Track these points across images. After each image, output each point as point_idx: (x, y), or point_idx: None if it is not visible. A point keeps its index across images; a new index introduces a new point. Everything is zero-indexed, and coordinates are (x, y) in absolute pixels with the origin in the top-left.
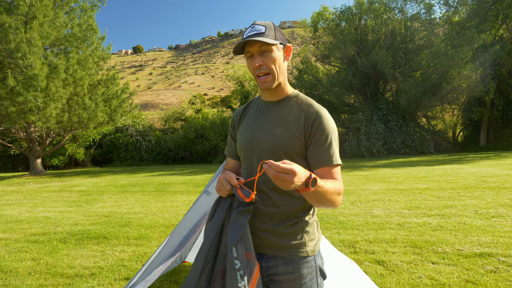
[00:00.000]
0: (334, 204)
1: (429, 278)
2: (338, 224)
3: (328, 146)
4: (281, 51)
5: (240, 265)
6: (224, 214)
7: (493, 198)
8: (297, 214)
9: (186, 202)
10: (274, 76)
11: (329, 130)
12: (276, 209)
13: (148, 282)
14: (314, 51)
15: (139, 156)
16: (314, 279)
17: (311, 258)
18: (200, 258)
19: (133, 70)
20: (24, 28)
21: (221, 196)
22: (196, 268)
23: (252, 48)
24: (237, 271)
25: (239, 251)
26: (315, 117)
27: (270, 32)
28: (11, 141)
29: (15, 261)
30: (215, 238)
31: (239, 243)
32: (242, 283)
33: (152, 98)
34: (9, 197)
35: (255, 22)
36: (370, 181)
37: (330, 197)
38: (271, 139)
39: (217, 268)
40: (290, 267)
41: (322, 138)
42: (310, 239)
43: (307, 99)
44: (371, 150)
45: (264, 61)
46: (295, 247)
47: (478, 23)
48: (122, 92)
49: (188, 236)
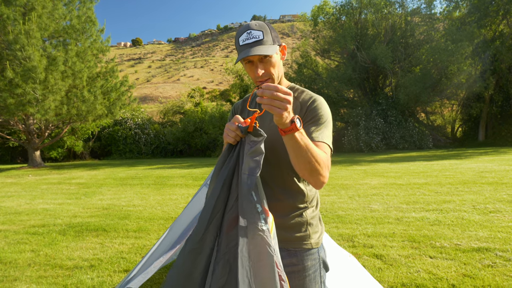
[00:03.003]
0: (318, 170)
1: (427, 272)
2: (337, 218)
3: (319, 125)
4: (279, 53)
5: (261, 209)
6: (234, 162)
7: (491, 193)
8: (300, 206)
9: (185, 195)
10: (273, 79)
11: (323, 113)
12: (279, 202)
13: (148, 274)
14: (314, 45)
15: (138, 149)
16: (317, 271)
17: (315, 251)
18: (208, 208)
19: (132, 63)
20: (22, 19)
21: (228, 149)
22: (203, 219)
23: (253, 57)
24: (260, 214)
25: (258, 195)
26: (311, 102)
27: (268, 38)
28: (9, 133)
29: (15, 253)
30: (222, 189)
31: (255, 190)
32: (266, 226)
33: (151, 91)
34: (8, 189)
35: (250, 25)
36: (368, 176)
37: (314, 157)
38: (267, 132)
39: (227, 217)
40: (294, 259)
41: (314, 118)
42: (314, 231)
43: (303, 90)
44: (370, 145)
45: (265, 68)
46: (299, 239)
47: (478, 19)
48: (121, 85)
49: (188, 229)
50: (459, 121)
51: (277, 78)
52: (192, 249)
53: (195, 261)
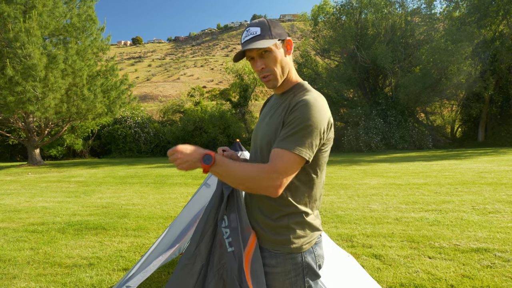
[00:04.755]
0: (251, 188)
1: (425, 272)
2: (336, 218)
3: (288, 131)
4: (282, 48)
5: (230, 233)
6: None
7: (490, 194)
8: (283, 210)
9: (184, 194)
10: (275, 76)
11: (299, 117)
12: (265, 201)
13: (147, 272)
14: (314, 45)
15: (137, 148)
16: (299, 276)
17: (297, 255)
18: (200, 225)
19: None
20: (23, 17)
21: None
22: (196, 235)
23: (251, 52)
24: (226, 239)
25: (231, 220)
26: (298, 103)
27: (266, 33)
28: (9, 131)
29: (14, 250)
30: (214, 206)
31: (232, 213)
32: (231, 249)
33: (151, 90)
34: (7, 187)
35: (250, 24)
36: (368, 176)
37: (239, 179)
38: (260, 131)
39: (217, 237)
40: (273, 260)
41: (291, 122)
42: (298, 236)
43: (305, 89)
44: (370, 145)
45: (266, 63)
46: (280, 242)
47: (478, 19)
48: (121, 84)
49: (187, 228)
50: (458, 121)
51: (280, 74)
52: (184, 264)
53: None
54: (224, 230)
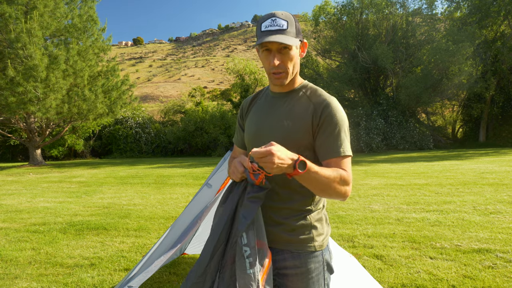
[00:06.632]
0: (337, 193)
1: (427, 273)
2: (337, 219)
3: (337, 136)
4: (298, 48)
5: (250, 252)
6: (237, 199)
7: (491, 194)
8: (305, 209)
9: (186, 195)
10: (287, 74)
11: (338, 120)
12: (284, 204)
13: (149, 273)
14: (315, 45)
15: (138, 148)
16: (321, 273)
17: (319, 253)
18: (210, 242)
19: (133, 62)
20: (24, 18)
21: (235, 181)
22: (207, 252)
23: (272, 44)
24: (246, 258)
25: (250, 238)
26: (324, 106)
27: (292, 29)
28: (11, 131)
29: (15, 251)
30: (227, 223)
31: (251, 230)
32: (251, 270)
33: (152, 90)
34: (8, 187)
35: (275, 13)
36: (369, 176)
37: (330, 184)
38: (278, 131)
39: (228, 254)
40: (297, 261)
41: (330, 128)
42: (319, 234)
43: (316, 89)
44: (371, 145)
45: (282, 60)
46: (303, 241)
47: (479, 19)
48: (122, 84)
49: (188, 228)
50: (459, 121)
51: (291, 73)
52: (194, 283)
53: None
54: (244, 248)
